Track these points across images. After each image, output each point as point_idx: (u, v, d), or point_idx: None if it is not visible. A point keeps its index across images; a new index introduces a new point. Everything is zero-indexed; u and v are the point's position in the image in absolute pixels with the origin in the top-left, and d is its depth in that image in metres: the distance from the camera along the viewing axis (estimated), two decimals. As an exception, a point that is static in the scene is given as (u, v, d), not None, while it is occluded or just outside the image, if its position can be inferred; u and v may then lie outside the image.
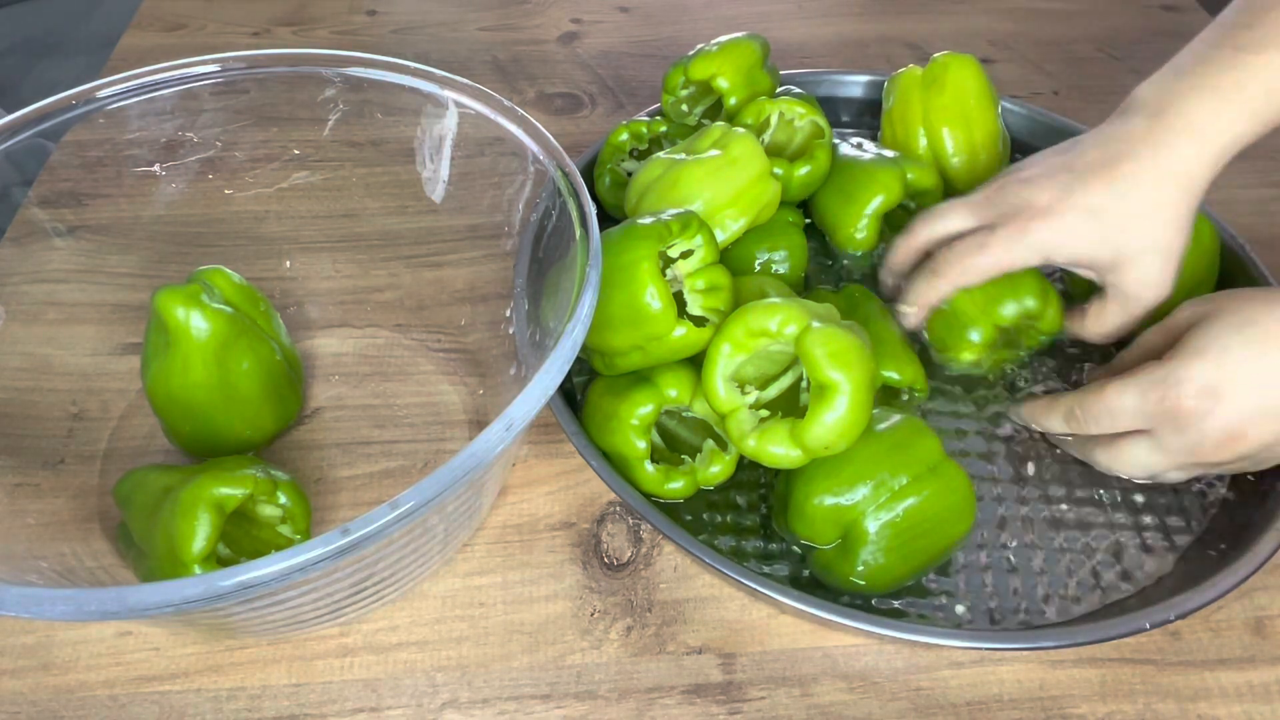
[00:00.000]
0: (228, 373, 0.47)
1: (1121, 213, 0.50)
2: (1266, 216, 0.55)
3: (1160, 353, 0.48)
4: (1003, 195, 0.54)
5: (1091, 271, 0.53)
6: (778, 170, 0.59)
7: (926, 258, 0.56)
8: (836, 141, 0.64)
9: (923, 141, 0.64)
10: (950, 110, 0.64)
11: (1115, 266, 0.52)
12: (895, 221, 0.61)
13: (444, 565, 0.48)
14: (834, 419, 0.42)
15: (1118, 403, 0.48)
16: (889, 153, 0.62)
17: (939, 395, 0.56)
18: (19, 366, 0.50)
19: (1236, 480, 0.52)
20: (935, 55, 0.65)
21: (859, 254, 0.62)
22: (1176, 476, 0.50)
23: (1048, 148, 0.56)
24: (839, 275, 0.63)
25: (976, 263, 0.52)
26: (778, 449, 0.44)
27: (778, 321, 0.44)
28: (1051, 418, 0.52)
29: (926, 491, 0.44)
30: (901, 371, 0.51)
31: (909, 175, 0.59)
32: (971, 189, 0.58)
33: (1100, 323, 0.54)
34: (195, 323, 0.46)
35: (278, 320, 0.53)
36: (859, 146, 0.63)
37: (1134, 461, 0.49)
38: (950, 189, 0.63)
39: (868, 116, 0.73)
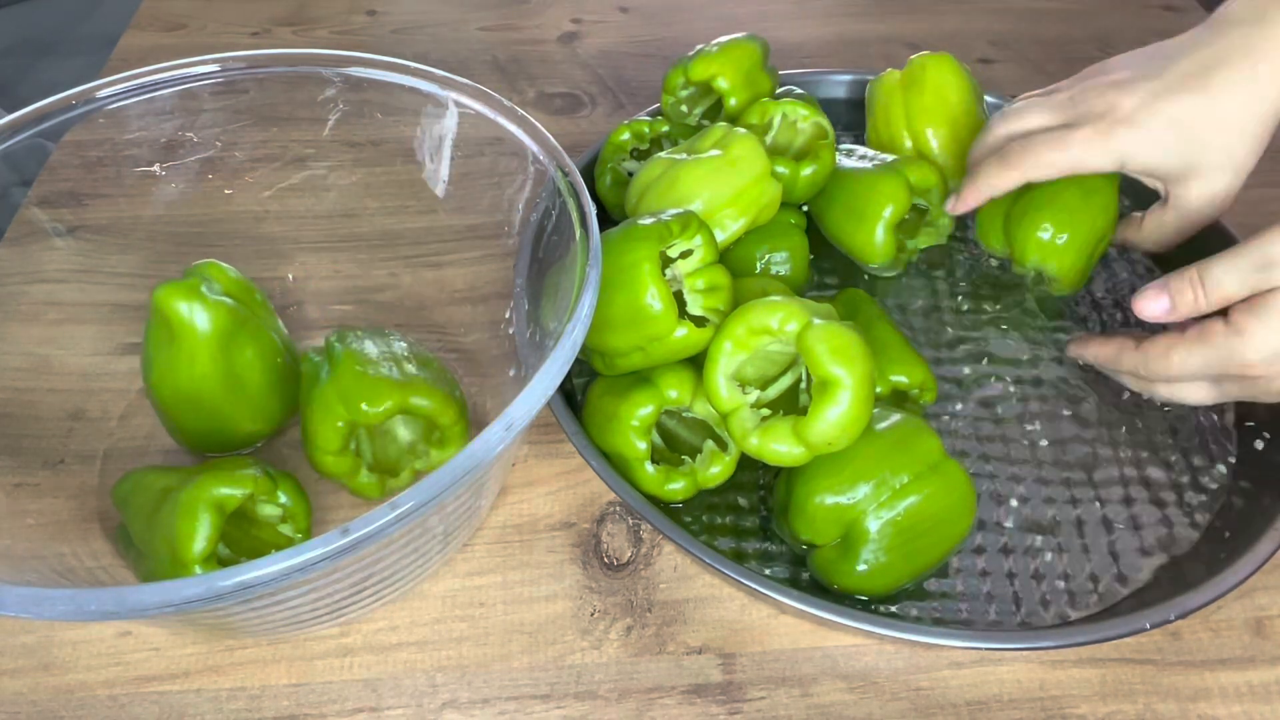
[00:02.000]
0: (232, 364, 0.47)
1: (1204, 125, 0.50)
2: (1267, 217, 0.54)
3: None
4: (1086, 96, 0.53)
5: (1158, 181, 0.53)
6: (782, 170, 0.59)
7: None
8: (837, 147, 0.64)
9: (908, 143, 0.64)
10: (932, 111, 0.64)
11: (1183, 178, 0.52)
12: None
13: (444, 565, 0.48)
14: (837, 414, 0.42)
15: (1182, 367, 0.48)
16: (886, 157, 0.62)
17: (940, 395, 0.56)
18: (19, 366, 0.50)
19: (1236, 480, 0.52)
20: (912, 57, 0.65)
21: (880, 266, 0.61)
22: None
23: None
24: (840, 278, 0.63)
25: (1052, 158, 0.52)
26: (780, 447, 0.44)
27: (779, 319, 0.44)
28: (1117, 363, 0.52)
29: (927, 490, 0.44)
30: (910, 374, 0.51)
31: (911, 179, 0.59)
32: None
33: (1156, 231, 0.54)
34: (198, 316, 0.46)
35: (274, 313, 0.53)
36: (850, 154, 0.63)
37: (1196, 398, 0.50)
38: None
39: (868, 116, 0.73)
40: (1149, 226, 0.55)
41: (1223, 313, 0.47)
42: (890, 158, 0.61)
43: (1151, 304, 0.48)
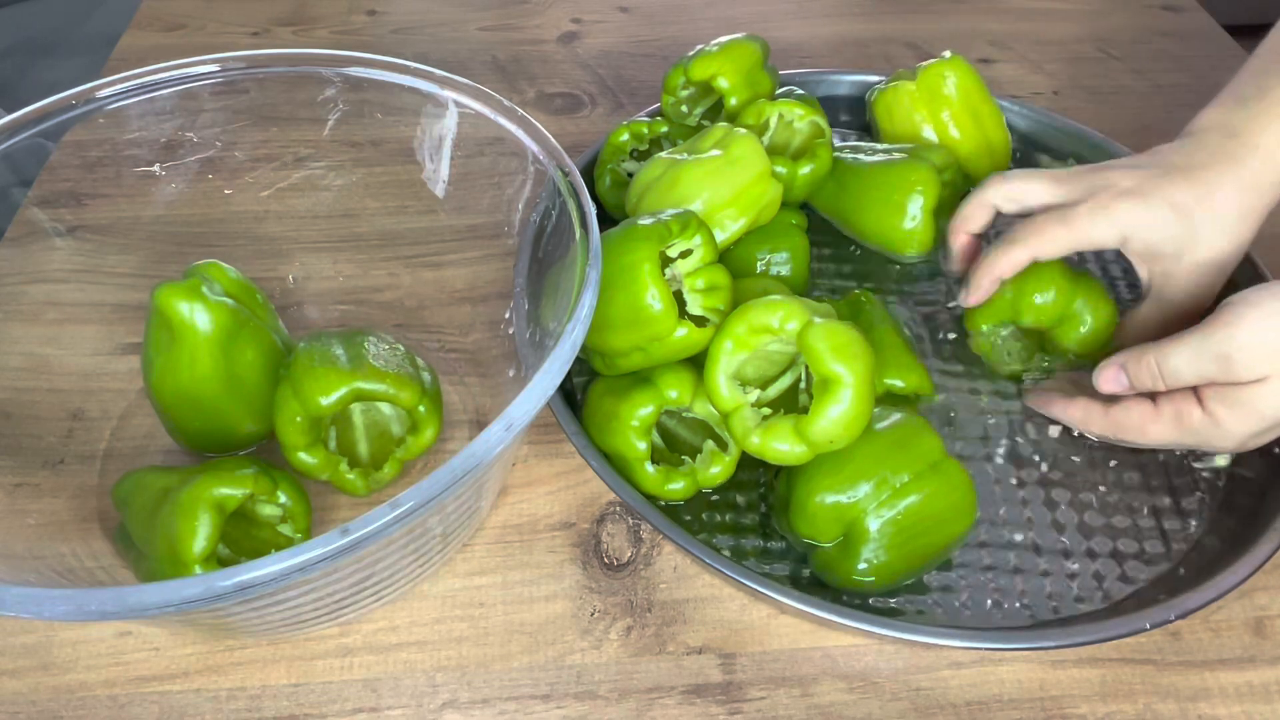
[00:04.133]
0: (233, 364, 0.47)
1: (1199, 213, 0.51)
2: (1267, 216, 0.55)
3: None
4: (1084, 177, 0.54)
5: (1149, 267, 0.53)
6: (780, 169, 0.59)
7: (980, 239, 0.57)
8: (842, 145, 0.64)
9: (933, 137, 0.64)
10: (959, 112, 0.64)
11: (1173, 269, 0.53)
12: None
13: (444, 565, 0.48)
14: (839, 412, 0.42)
15: (1158, 441, 0.49)
16: (904, 148, 0.62)
17: (940, 395, 0.56)
18: (19, 366, 0.50)
19: (1236, 480, 0.52)
20: (921, 65, 0.66)
21: (918, 255, 0.61)
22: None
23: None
24: (842, 280, 0.63)
25: (1056, 233, 0.53)
26: (782, 445, 0.44)
27: (779, 318, 0.44)
28: (1085, 426, 0.52)
29: (928, 489, 0.44)
30: (905, 378, 0.51)
31: (938, 162, 0.59)
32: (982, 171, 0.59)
33: (1138, 327, 0.55)
34: (199, 316, 0.46)
35: (274, 313, 0.53)
36: (860, 150, 0.63)
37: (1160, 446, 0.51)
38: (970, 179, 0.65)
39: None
40: (1131, 324, 0.56)
41: (1193, 388, 0.48)
42: (909, 146, 0.62)
43: (1111, 383, 0.50)
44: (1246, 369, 0.44)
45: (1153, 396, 0.49)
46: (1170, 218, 0.51)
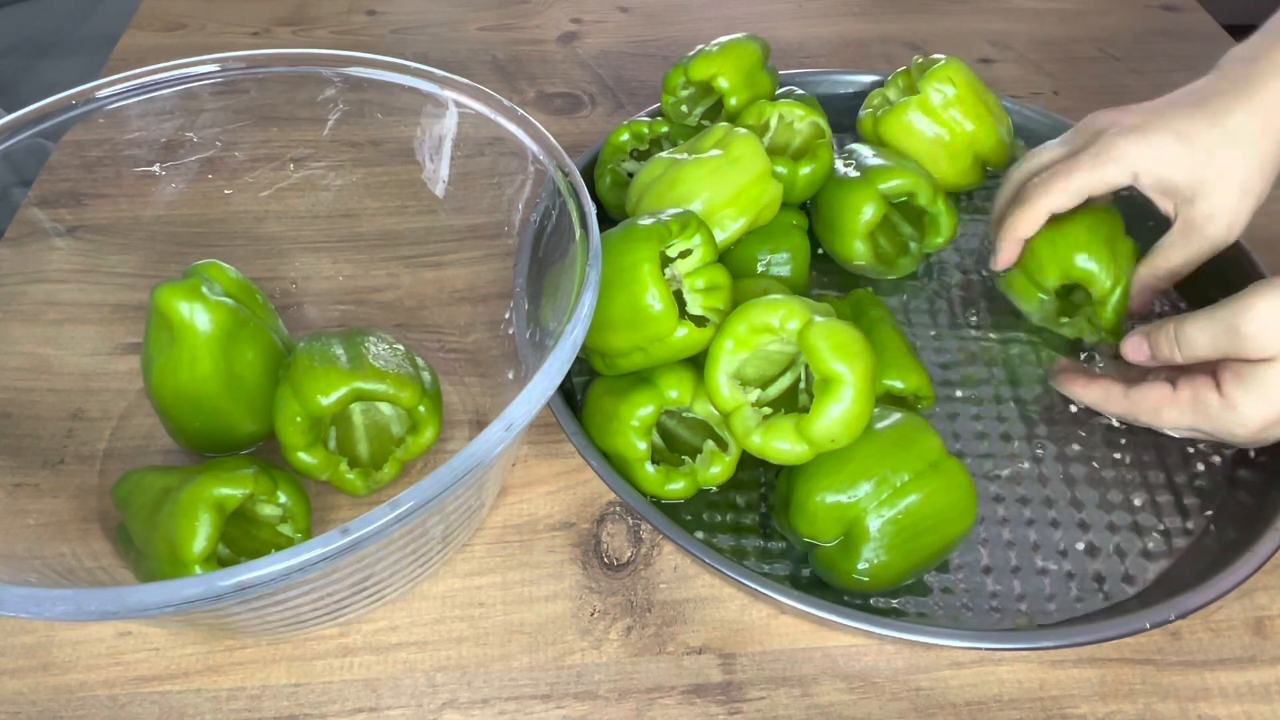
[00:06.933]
0: (233, 365, 0.47)
1: (1209, 140, 0.51)
2: (1267, 216, 0.55)
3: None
4: (1090, 122, 0.55)
5: (1169, 201, 0.53)
6: (781, 169, 0.59)
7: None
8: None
9: (945, 136, 0.64)
10: (969, 107, 0.64)
11: (1193, 195, 0.52)
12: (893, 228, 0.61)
13: (444, 565, 0.48)
14: (840, 411, 0.42)
15: (1174, 425, 0.50)
16: (873, 161, 0.61)
17: (941, 393, 0.56)
18: (19, 366, 0.50)
19: (1236, 480, 0.52)
20: (915, 66, 0.66)
21: (862, 266, 0.61)
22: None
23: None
24: (843, 281, 0.63)
25: (1063, 183, 0.53)
26: (783, 444, 0.44)
27: (780, 317, 0.44)
28: (1104, 407, 0.53)
29: (928, 489, 0.44)
30: (905, 380, 0.51)
31: (880, 186, 0.59)
32: (1003, 153, 0.62)
33: (1163, 257, 0.54)
34: (199, 317, 0.46)
35: (274, 312, 0.53)
36: (848, 158, 0.63)
37: (1174, 432, 0.51)
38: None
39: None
40: (1154, 255, 0.55)
41: (1212, 371, 0.48)
42: (875, 163, 0.60)
43: (1135, 351, 0.51)
44: (1258, 345, 0.45)
45: (1173, 382, 0.49)
46: (1177, 147, 0.51)
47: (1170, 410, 0.49)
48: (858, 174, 0.60)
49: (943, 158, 0.65)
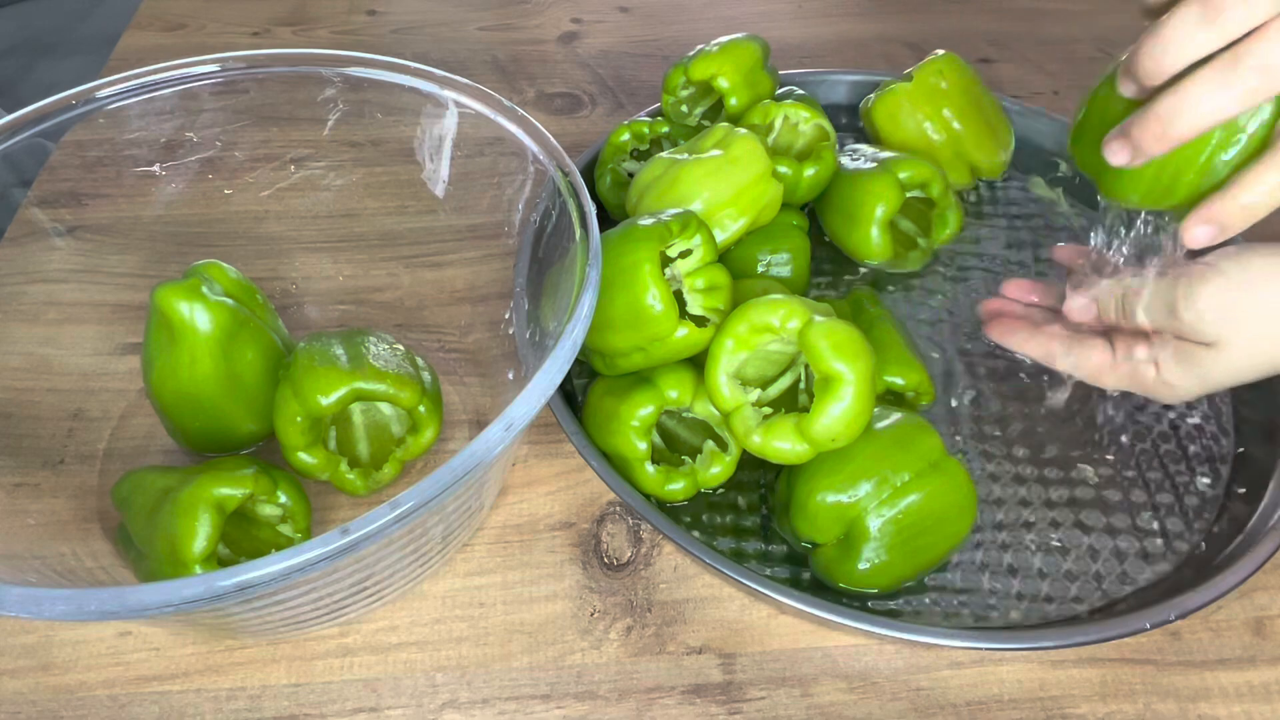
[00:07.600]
0: (233, 364, 0.47)
1: None
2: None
3: None
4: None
5: None
6: (785, 170, 0.59)
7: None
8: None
9: (935, 137, 0.64)
10: (961, 105, 0.64)
11: None
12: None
13: (444, 565, 0.48)
14: (840, 410, 0.42)
15: (1111, 386, 0.51)
16: (882, 155, 0.62)
17: (941, 393, 0.56)
18: (19, 366, 0.50)
19: (1236, 480, 0.52)
20: (914, 70, 0.66)
21: (877, 263, 0.62)
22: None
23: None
24: (843, 282, 0.63)
25: (1219, 103, 0.40)
26: (783, 444, 0.44)
27: (780, 316, 0.44)
28: (1047, 359, 0.53)
29: (928, 488, 0.44)
30: (906, 377, 0.51)
31: (901, 176, 0.59)
32: (995, 164, 0.62)
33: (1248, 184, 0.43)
34: (199, 317, 0.46)
35: (274, 312, 0.53)
36: (854, 156, 0.63)
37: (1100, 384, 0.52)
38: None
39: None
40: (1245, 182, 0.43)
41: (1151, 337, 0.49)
42: (886, 156, 0.61)
43: (1081, 313, 0.52)
44: (1197, 331, 0.46)
45: (1112, 341, 0.51)
46: None
47: (1109, 376, 0.51)
48: (873, 164, 0.60)
49: (929, 151, 0.65)
